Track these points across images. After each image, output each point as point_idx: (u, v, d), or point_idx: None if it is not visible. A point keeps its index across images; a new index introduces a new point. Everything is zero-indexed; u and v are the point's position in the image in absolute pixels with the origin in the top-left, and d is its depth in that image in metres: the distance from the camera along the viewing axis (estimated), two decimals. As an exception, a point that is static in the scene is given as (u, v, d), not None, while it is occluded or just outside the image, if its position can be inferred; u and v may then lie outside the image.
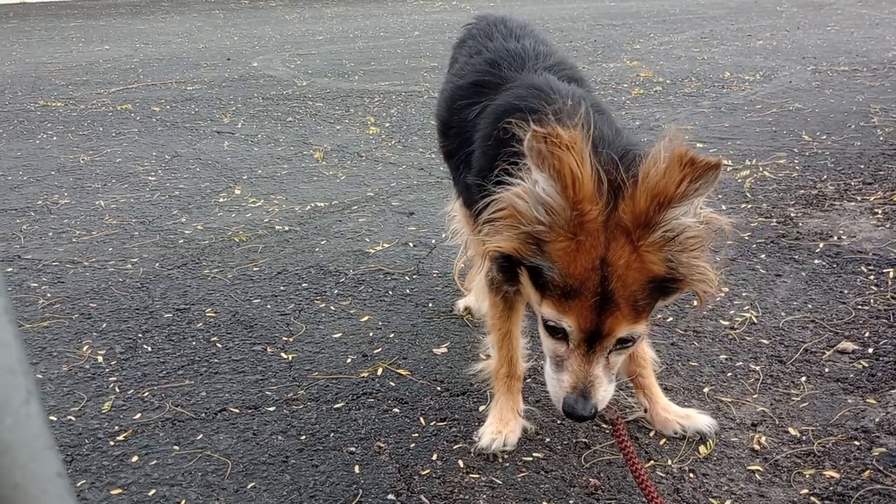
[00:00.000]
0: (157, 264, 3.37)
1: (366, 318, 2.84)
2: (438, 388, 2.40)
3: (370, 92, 7.08)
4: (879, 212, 3.59)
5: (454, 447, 2.11)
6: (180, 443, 2.15)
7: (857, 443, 2.04)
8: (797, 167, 4.33)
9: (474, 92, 2.18)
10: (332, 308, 2.93)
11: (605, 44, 9.54)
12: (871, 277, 2.97)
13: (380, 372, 2.49)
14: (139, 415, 2.29)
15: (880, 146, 4.65)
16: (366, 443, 2.13)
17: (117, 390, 2.42)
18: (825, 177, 4.14)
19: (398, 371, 2.50)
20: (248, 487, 1.97)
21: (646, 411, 2.15)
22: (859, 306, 2.76)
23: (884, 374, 2.34)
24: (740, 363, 2.45)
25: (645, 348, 2.16)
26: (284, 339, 2.71)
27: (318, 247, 3.51)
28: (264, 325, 2.81)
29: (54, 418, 2.27)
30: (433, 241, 3.53)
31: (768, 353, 2.50)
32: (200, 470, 2.04)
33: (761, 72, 7.26)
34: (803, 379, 2.34)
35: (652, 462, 2.02)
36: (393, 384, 2.42)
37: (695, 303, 1.72)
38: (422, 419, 2.24)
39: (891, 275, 2.97)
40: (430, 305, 2.94)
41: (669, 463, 2.01)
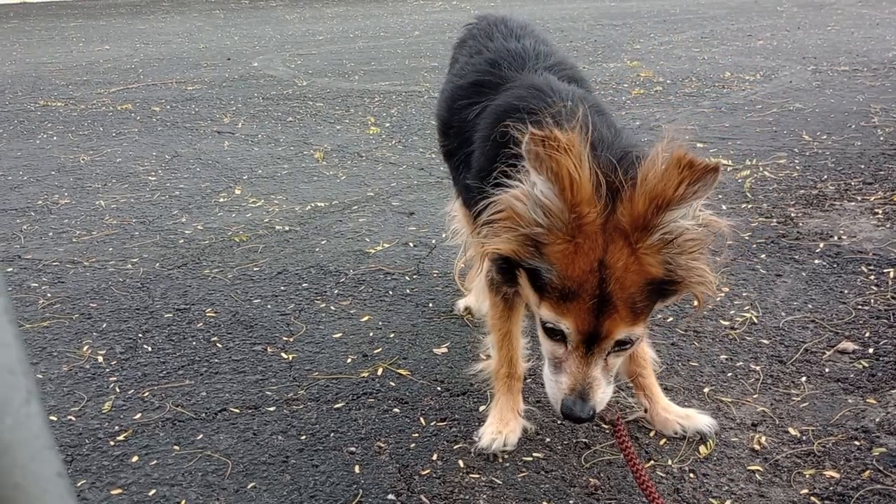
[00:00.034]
0: (158, 264, 3.37)
1: (366, 318, 2.84)
2: (439, 388, 2.40)
3: (370, 92, 7.08)
4: (880, 212, 3.59)
5: (454, 447, 2.11)
6: (180, 443, 2.15)
7: (857, 443, 2.04)
8: (797, 167, 4.33)
9: (474, 92, 2.18)
10: (332, 308, 2.93)
11: (606, 44, 9.54)
12: (872, 277, 2.97)
13: (380, 372, 2.49)
14: (139, 415, 2.29)
15: (881, 146, 4.65)
16: (366, 443, 2.13)
17: (117, 390, 2.42)
18: (825, 177, 4.14)
19: (398, 371, 2.50)
20: (249, 487, 1.97)
21: (646, 411, 2.15)
22: (859, 306, 2.76)
23: (884, 374, 2.34)
24: (740, 363, 2.45)
25: (645, 348, 2.16)
26: (285, 339, 2.71)
27: (319, 247, 3.52)
28: (264, 325, 2.81)
29: (54, 418, 2.27)
30: (433, 241, 3.53)
31: (768, 353, 2.50)
32: (200, 470, 2.04)
33: (762, 72, 7.26)
34: (803, 379, 2.34)
35: (652, 462, 2.03)
36: (393, 384, 2.42)
37: (695, 303, 1.72)
38: (422, 419, 2.24)
39: (891, 275, 2.97)
40: (430, 305, 2.94)
41: (669, 463, 2.02)
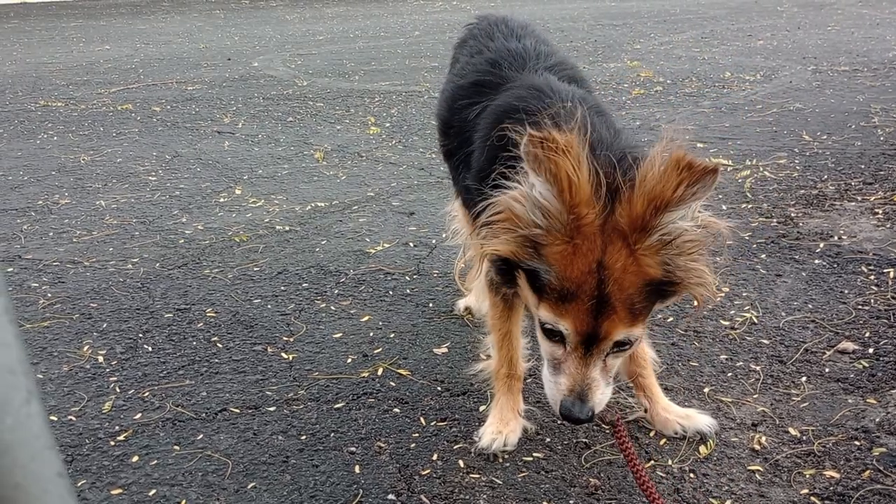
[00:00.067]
0: (158, 264, 3.37)
1: (366, 318, 2.84)
2: (439, 388, 2.40)
3: (371, 92, 7.08)
4: (880, 212, 3.59)
5: (454, 447, 2.11)
6: (181, 443, 2.15)
7: (857, 443, 2.04)
8: (798, 167, 4.33)
9: (475, 92, 2.18)
10: (332, 308, 2.93)
11: (606, 44, 9.54)
12: (872, 277, 2.97)
13: (380, 372, 2.49)
14: (140, 415, 2.29)
15: (881, 146, 4.65)
16: (366, 443, 2.13)
17: (118, 390, 2.42)
18: (826, 177, 4.14)
19: (398, 371, 2.50)
20: (249, 487, 1.97)
21: (646, 411, 2.15)
22: (860, 306, 2.76)
23: (884, 374, 2.34)
24: (741, 363, 2.45)
25: (645, 348, 2.16)
26: (285, 339, 2.71)
27: (319, 247, 3.52)
28: (265, 325, 2.81)
29: (55, 418, 2.27)
30: (433, 241, 3.53)
31: (769, 353, 2.50)
32: (201, 470, 2.04)
33: (762, 72, 7.26)
34: (804, 379, 2.34)
35: (652, 462, 2.03)
36: (393, 384, 2.42)
37: (694, 304, 1.72)
38: (422, 419, 2.24)
39: (891, 275, 2.97)
40: (430, 305, 2.94)
41: (670, 463, 2.02)
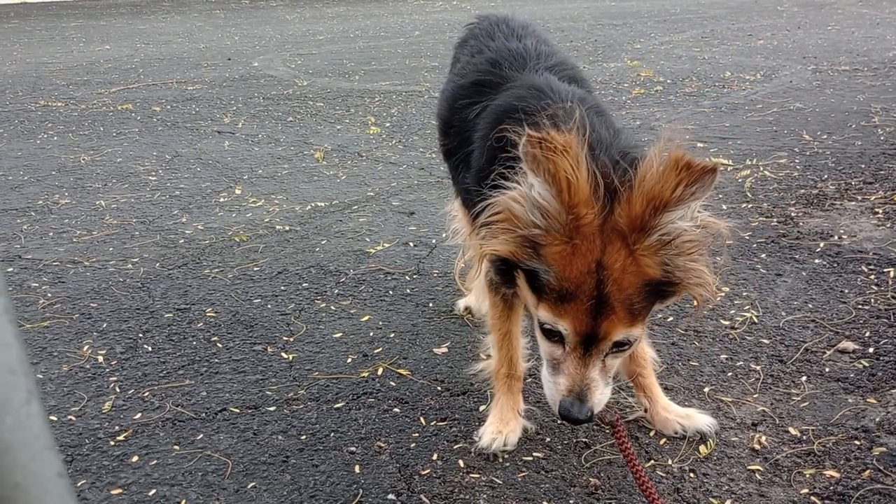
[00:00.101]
0: (158, 264, 3.37)
1: (366, 318, 2.84)
2: (439, 388, 2.40)
3: (371, 92, 7.08)
4: (880, 211, 3.59)
5: (454, 447, 2.11)
6: (180, 443, 2.15)
7: (857, 442, 2.04)
8: (798, 167, 4.33)
9: (475, 91, 2.18)
10: (332, 308, 2.93)
11: (606, 43, 9.54)
12: (872, 277, 2.96)
13: (380, 372, 2.49)
14: (139, 415, 2.29)
15: (881, 146, 4.65)
16: (366, 443, 2.13)
17: (118, 390, 2.42)
18: (826, 176, 4.14)
19: (398, 371, 2.50)
20: (249, 487, 1.97)
21: (646, 411, 2.15)
22: (860, 306, 2.76)
23: (884, 373, 2.34)
24: (741, 363, 2.45)
25: (645, 348, 2.16)
26: (285, 338, 2.71)
27: (319, 247, 3.52)
28: (265, 325, 2.81)
29: (55, 418, 2.27)
30: (434, 241, 3.53)
31: (769, 353, 2.49)
32: (201, 470, 2.04)
33: (762, 71, 7.26)
34: (804, 378, 2.34)
35: (652, 462, 2.03)
36: (393, 384, 2.42)
37: (694, 304, 1.72)
38: (422, 419, 2.24)
39: (891, 274, 2.97)
40: (430, 305, 2.94)
41: (670, 462, 2.02)
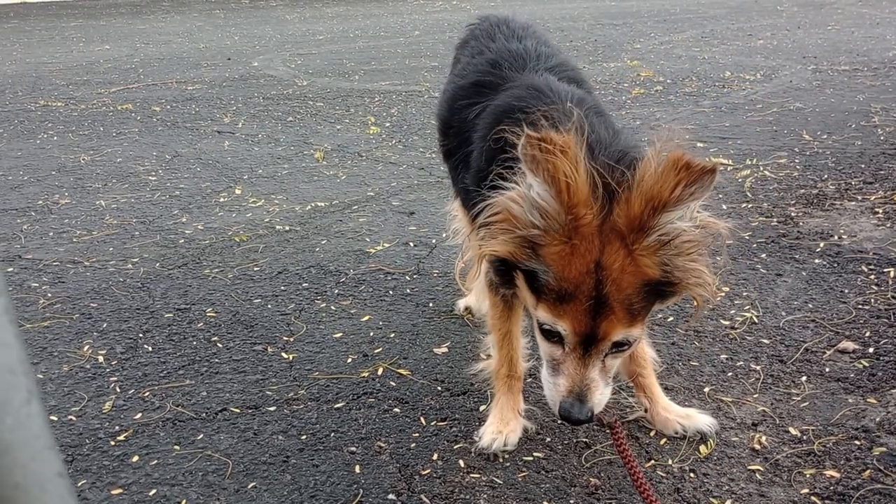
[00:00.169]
0: (158, 264, 3.37)
1: (366, 318, 2.84)
2: (439, 388, 2.40)
3: (371, 92, 7.08)
4: (880, 211, 3.59)
5: (455, 447, 2.11)
6: (181, 443, 2.15)
7: (857, 442, 2.04)
8: (798, 167, 4.33)
9: (475, 92, 2.18)
10: (332, 308, 2.93)
11: (606, 43, 9.54)
12: (872, 277, 2.96)
13: (380, 372, 2.49)
14: (140, 415, 2.29)
15: (881, 145, 4.65)
16: (366, 442, 2.13)
17: (118, 390, 2.42)
18: (826, 176, 4.14)
19: (399, 371, 2.50)
20: (249, 487, 1.97)
21: (646, 411, 2.15)
22: (860, 306, 2.76)
23: (884, 373, 2.34)
24: (741, 363, 2.45)
25: (645, 348, 2.16)
26: (285, 338, 2.71)
27: (319, 246, 3.52)
28: (265, 325, 2.81)
29: (55, 418, 2.27)
30: (434, 241, 3.53)
31: (769, 353, 2.49)
32: (201, 470, 2.04)
33: (762, 71, 7.26)
34: (804, 378, 2.34)
35: (652, 462, 2.03)
36: (393, 384, 2.42)
37: (694, 304, 1.71)
38: (422, 419, 2.24)
39: (891, 274, 2.97)
40: (430, 305, 2.94)
41: (670, 462, 2.01)
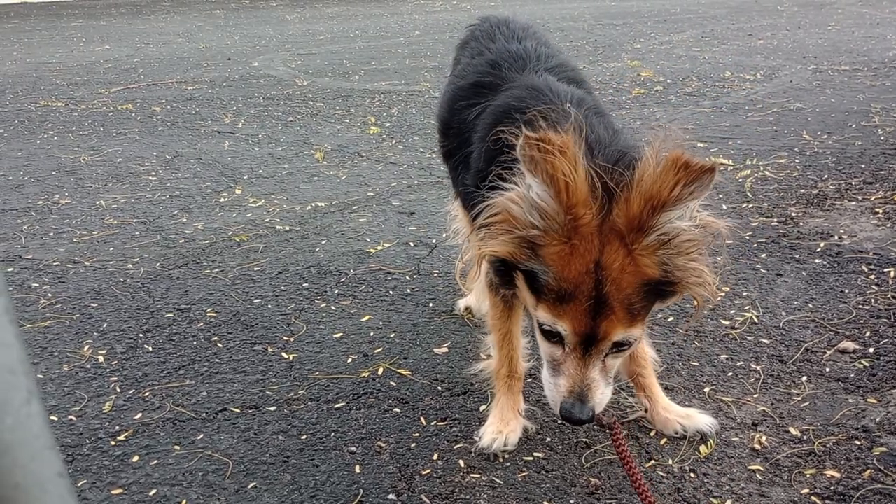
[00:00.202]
0: (158, 264, 3.37)
1: (366, 318, 2.84)
2: (439, 388, 2.40)
3: (371, 92, 7.08)
4: (880, 211, 3.59)
5: (455, 447, 2.11)
6: (181, 443, 2.16)
7: (857, 442, 2.04)
8: (798, 167, 4.33)
9: (475, 93, 2.18)
10: (332, 308, 2.93)
11: (606, 43, 9.54)
12: (872, 277, 2.96)
13: (380, 372, 2.49)
14: (140, 415, 2.29)
15: (881, 145, 4.65)
16: (366, 442, 2.13)
17: (118, 390, 2.42)
18: (826, 176, 4.14)
19: (399, 371, 2.50)
20: (249, 487, 1.97)
21: (646, 411, 2.15)
22: (860, 306, 2.76)
23: (884, 373, 2.34)
24: (741, 363, 2.45)
25: (645, 348, 2.16)
26: (285, 338, 2.71)
27: (319, 246, 3.52)
28: (265, 325, 2.81)
29: (55, 418, 2.27)
30: (434, 241, 3.53)
31: (769, 353, 2.49)
32: (201, 470, 2.04)
33: (762, 71, 7.26)
34: (804, 378, 2.34)
35: (653, 462, 2.03)
36: (394, 384, 2.42)
37: (694, 303, 1.71)
38: (422, 419, 2.24)
39: (892, 274, 2.97)
40: (430, 305, 2.94)
41: (670, 462, 2.01)
